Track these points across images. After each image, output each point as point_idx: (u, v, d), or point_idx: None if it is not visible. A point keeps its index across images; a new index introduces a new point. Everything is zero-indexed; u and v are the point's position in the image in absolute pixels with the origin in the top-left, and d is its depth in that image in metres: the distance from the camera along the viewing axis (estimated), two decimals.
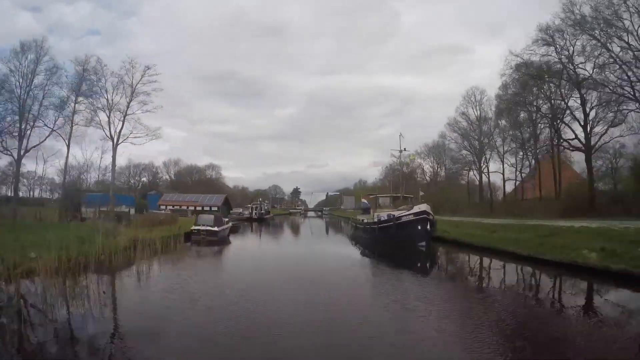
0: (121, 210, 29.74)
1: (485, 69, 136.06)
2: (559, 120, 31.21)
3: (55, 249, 10.16)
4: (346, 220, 68.24)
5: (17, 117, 25.99)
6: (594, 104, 27.95)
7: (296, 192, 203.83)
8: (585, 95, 28.06)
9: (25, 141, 26.69)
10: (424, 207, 19.90)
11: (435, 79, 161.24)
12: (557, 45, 28.17)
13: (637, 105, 24.62)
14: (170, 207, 53.06)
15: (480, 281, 12.45)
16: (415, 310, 8.03)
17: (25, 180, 49.47)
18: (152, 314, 7.66)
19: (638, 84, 23.62)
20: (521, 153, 38.44)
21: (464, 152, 48.43)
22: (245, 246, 25.21)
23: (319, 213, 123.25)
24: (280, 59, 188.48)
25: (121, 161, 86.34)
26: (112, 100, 31.40)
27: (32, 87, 26.80)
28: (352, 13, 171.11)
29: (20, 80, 26.40)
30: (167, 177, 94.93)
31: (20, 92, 26.19)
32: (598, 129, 28.29)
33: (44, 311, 7.41)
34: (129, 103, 31.33)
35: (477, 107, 45.37)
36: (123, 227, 18.87)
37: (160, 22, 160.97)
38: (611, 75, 25.47)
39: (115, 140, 31.67)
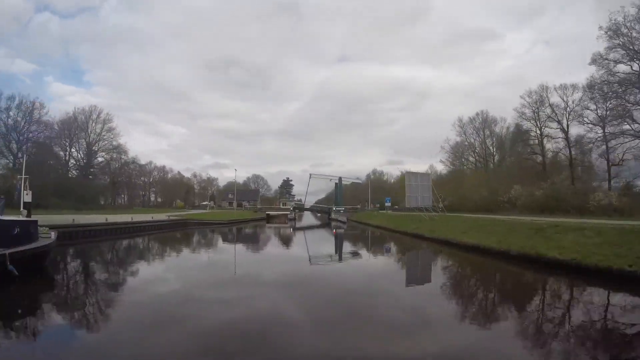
0: None
1: (511, 61, 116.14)
2: None
3: None
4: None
5: None
6: None
7: (287, 185, 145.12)
8: None
9: None
10: None
11: (455, 72, 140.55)
12: None
13: None
14: None
15: None
16: None
17: None
18: None
19: None
20: None
21: None
22: None
23: (321, 214, 68.66)
24: (290, 44, 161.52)
25: None
26: None
27: None
28: None
29: None
30: None
31: None
32: None
33: None
34: None
35: None
36: None
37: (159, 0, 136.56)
38: None
39: None
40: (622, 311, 8.00)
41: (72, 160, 54.92)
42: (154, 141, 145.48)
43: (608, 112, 34.74)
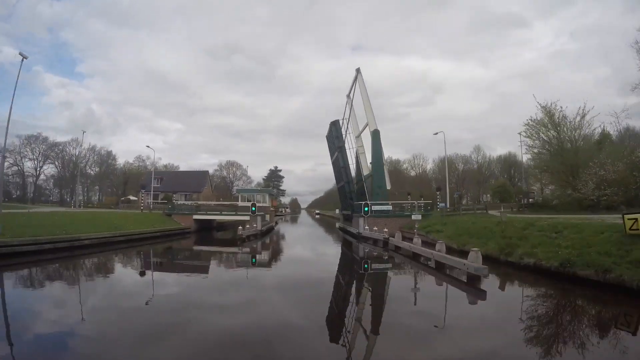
0: None
1: (534, 53, 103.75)
2: None
3: None
4: None
5: None
6: None
7: (274, 176, 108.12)
8: None
9: None
10: None
11: (474, 64, 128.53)
12: None
13: None
14: None
15: None
16: None
17: None
18: None
19: None
20: None
21: None
22: None
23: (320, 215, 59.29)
24: (301, 28, 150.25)
25: None
26: None
27: None
28: None
29: None
30: None
31: None
32: None
33: None
34: None
35: None
36: None
37: None
38: None
39: None
40: None
41: None
42: (148, 138, 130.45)
43: None
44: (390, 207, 23.20)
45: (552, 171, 23.22)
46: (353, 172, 28.61)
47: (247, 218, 25.37)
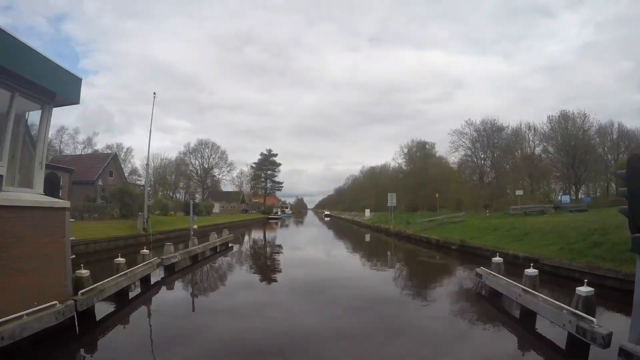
0: None
1: (560, 45, 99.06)
2: None
3: None
4: None
5: None
6: None
7: (267, 162, 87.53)
8: None
9: None
10: None
11: (497, 57, 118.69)
12: None
13: None
14: None
15: None
16: None
17: None
18: None
19: None
20: None
21: None
22: None
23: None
24: (319, 16, 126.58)
25: None
26: None
27: None
28: None
29: None
30: None
31: None
32: None
33: None
34: None
35: None
36: None
37: None
38: None
39: None
40: None
41: None
42: (156, 137, 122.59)
43: None
44: None
45: None
46: None
47: None
